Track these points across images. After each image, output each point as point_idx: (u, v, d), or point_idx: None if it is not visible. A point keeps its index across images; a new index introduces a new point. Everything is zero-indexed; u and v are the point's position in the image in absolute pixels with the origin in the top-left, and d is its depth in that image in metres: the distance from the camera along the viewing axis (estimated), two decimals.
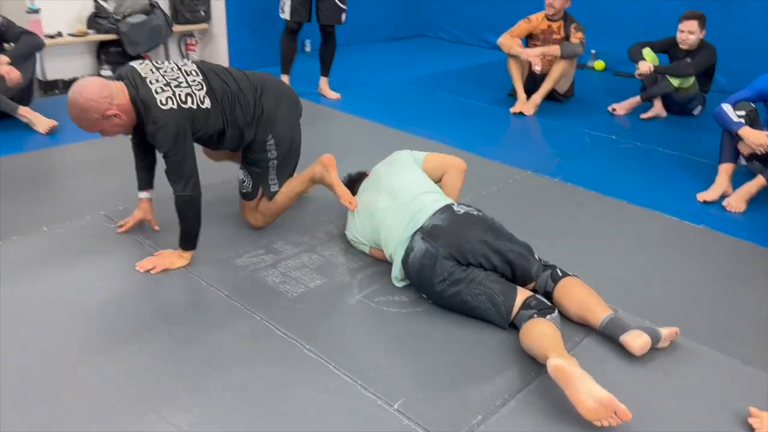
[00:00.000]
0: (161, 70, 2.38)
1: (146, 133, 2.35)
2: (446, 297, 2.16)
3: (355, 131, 4.18)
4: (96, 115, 2.20)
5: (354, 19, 6.76)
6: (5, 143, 3.60)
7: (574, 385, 1.71)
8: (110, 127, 2.28)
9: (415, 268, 2.20)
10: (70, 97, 2.20)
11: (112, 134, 2.36)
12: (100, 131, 2.30)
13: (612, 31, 5.99)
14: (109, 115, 2.22)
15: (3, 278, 2.31)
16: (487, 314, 2.13)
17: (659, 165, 3.75)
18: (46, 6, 4.55)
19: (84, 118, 2.22)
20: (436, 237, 2.16)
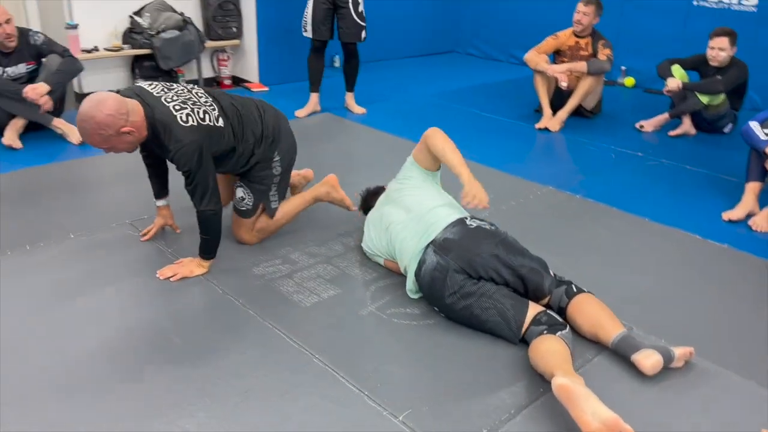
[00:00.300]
0: (174, 90, 2.43)
1: (165, 152, 2.36)
2: (456, 310, 2.16)
3: (378, 145, 4.21)
4: (111, 131, 2.19)
5: (385, 35, 6.88)
6: (40, 153, 3.74)
7: (579, 405, 1.69)
8: (121, 144, 2.27)
9: (426, 281, 2.21)
10: (85, 111, 2.16)
11: (118, 151, 2.34)
12: (108, 148, 2.27)
13: (643, 48, 5.94)
14: (123, 132, 2.22)
15: (26, 283, 2.40)
16: (497, 329, 2.12)
17: (685, 183, 3.69)
18: (84, 21, 4.72)
19: (98, 133, 2.19)
20: (448, 250, 2.17)
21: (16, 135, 3.83)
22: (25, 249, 2.64)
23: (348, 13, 4.49)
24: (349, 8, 4.48)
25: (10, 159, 3.64)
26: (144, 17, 4.95)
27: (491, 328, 2.13)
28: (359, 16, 4.53)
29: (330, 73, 6.20)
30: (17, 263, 2.53)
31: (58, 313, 2.23)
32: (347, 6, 4.47)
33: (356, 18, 4.51)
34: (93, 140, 2.22)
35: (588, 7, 4.62)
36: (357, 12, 4.51)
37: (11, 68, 3.83)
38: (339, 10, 4.49)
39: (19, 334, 2.10)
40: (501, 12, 7.07)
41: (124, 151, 2.35)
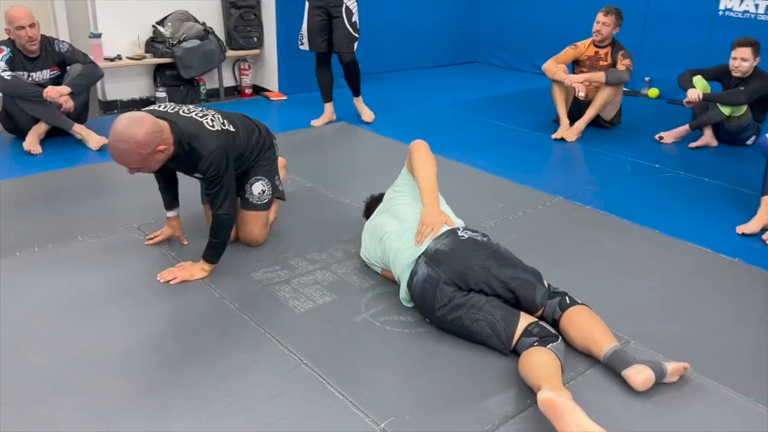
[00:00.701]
0: (181, 106, 2.54)
1: (196, 160, 2.39)
2: (447, 322, 2.14)
3: (389, 154, 4.20)
4: (149, 149, 2.22)
5: (406, 45, 6.91)
6: (59, 158, 3.84)
7: (564, 419, 1.66)
8: (153, 162, 2.29)
9: (417, 292, 2.20)
10: (124, 131, 2.17)
11: (148, 171, 2.37)
12: (140, 168, 2.28)
13: (667, 59, 5.85)
14: (158, 150, 2.26)
15: (30, 283, 2.46)
16: (488, 340, 2.10)
17: (701, 195, 3.61)
18: (108, 31, 4.85)
19: (137, 152, 2.20)
20: (439, 262, 2.16)
21: (37, 140, 3.94)
22: (33, 250, 2.70)
23: (341, 23, 4.40)
24: (342, 18, 4.39)
25: (29, 163, 3.75)
26: (166, 27, 5.06)
27: (482, 340, 2.11)
28: (352, 27, 4.44)
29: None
30: (23, 264, 2.60)
31: (58, 313, 2.28)
32: (341, 16, 4.38)
33: (350, 28, 4.43)
34: (131, 160, 2.22)
35: (608, 17, 4.57)
36: (350, 22, 4.42)
37: (36, 73, 3.95)
38: (333, 20, 4.42)
39: (19, 334, 2.15)
40: (523, 22, 7.04)
41: (151, 170, 2.39)
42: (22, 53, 3.86)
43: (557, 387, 1.80)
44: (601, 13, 4.59)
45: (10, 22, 3.74)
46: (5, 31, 3.79)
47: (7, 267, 2.56)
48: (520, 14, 7.06)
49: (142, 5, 5.03)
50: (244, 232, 2.80)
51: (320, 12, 4.39)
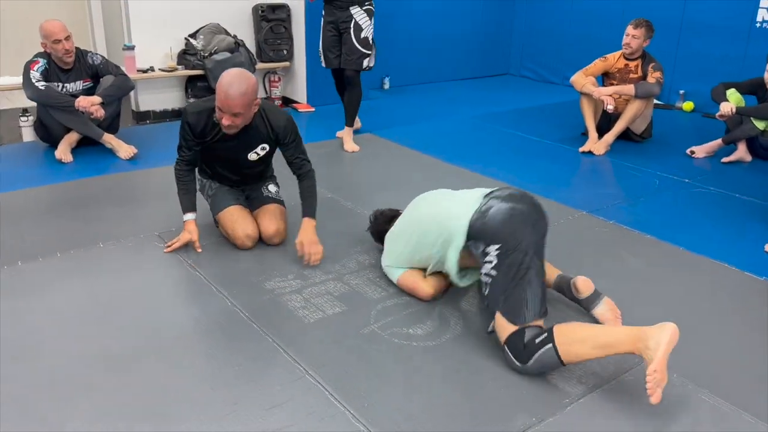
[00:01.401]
0: None
1: (275, 127, 2.76)
2: (507, 261, 2.05)
3: (412, 165, 4.20)
4: (253, 98, 2.57)
5: (436, 57, 6.92)
6: (89, 166, 3.94)
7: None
8: (248, 114, 2.61)
9: (501, 218, 2.11)
10: (239, 75, 2.52)
11: (240, 123, 2.60)
12: (242, 113, 2.54)
13: (703, 71, 5.72)
14: (255, 104, 2.61)
15: (49, 288, 2.52)
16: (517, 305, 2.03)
17: (732, 212, 3.50)
18: (142, 43, 4.98)
19: (250, 93, 2.53)
20: (518, 199, 2.19)
21: (69, 149, 4.06)
22: (56, 256, 2.77)
23: (348, 39, 4.24)
24: (349, 33, 4.23)
25: (59, 171, 3.86)
26: (198, 39, 5.17)
27: (514, 303, 2.03)
28: (361, 43, 4.26)
29: (377, 94, 6.29)
30: (45, 269, 2.66)
31: (74, 318, 2.33)
32: (348, 31, 4.24)
33: (357, 44, 4.25)
34: (243, 102, 2.51)
35: (638, 29, 4.49)
36: (359, 38, 4.24)
37: (70, 84, 4.07)
38: (342, 36, 4.29)
39: (36, 337, 2.20)
40: (555, 34, 6.99)
41: (239, 125, 2.61)
42: (57, 65, 3.98)
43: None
44: (631, 26, 4.51)
45: (46, 36, 3.87)
46: (41, 44, 3.91)
47: (29, 272, 2.63)
48: (552, 26, 7.01)
49: (175, 19, 5.15)
50: (268, 224, 2.89)
51: (331, 28, 4.31)
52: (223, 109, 2.53)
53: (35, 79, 3.87)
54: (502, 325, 2.06)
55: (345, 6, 4.23)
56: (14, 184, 3.60)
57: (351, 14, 4.23)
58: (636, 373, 2.07)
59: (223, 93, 2.49)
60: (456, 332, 2.29)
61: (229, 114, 2.53)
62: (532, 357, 1.99)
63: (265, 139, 2.80)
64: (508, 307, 2.04)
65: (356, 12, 4.24)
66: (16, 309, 2.36)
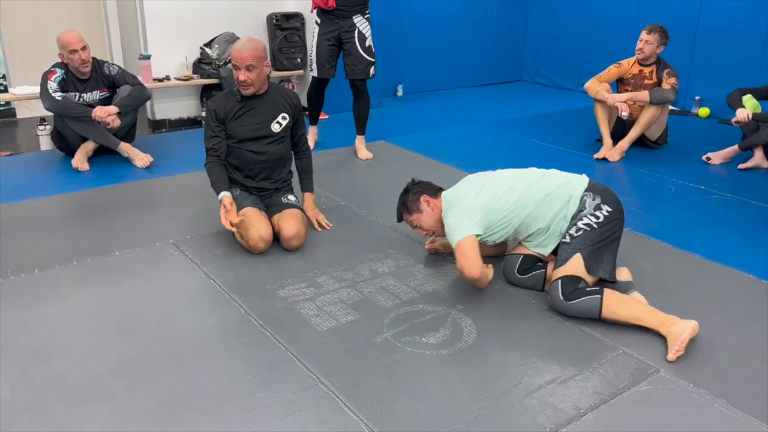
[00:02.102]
0: None
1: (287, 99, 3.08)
2: (605, 229, 2.48)
3: (428, 173, 4.17)
4: (265, 54, 2.92)
5: (449, 64, 6.93)
6: (105, 175, 3.98)
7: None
8: (262, 71, 2.90)
9: (614, 196, 2.60)
10: (252, 38, 2.93)
11: (254, 78, 2.87)
12: (255, 65, 2.84)
13: (719, 77, 5.68)
14: (267, 64, 2.93)
15: (64, 295, 2.55)
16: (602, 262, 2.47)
17: (748, 219, 3.46)
18: (157, 52, 5.03)
19: (260, 49, 2.87)
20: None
21: (85, 158, 4.10)
22: (72, 264, 2.80)
23: (354, 49, 4.19)
24: (354, 43, 4.19)
25: (76, 180, 3.90)
26: (213, 48, 5.22)
27: (594, 254, 2.44)
28: (366, 51, 4.23)
29: (391, 101, 6.30)
30: (61, 277, 2.69)
31: (87, 324, 2.35)
32: (352, 41, 4.18)
33: (363, 53, 4.22)
34: (253, 54, 2.84)
35: (651, 35, 4.47)
36: (364, 47, 4.21)
37: (87, 94, 4.12)
38: (344, 46, 4.22)
39: (50, 345, 2.23)
40: (568, 40, 6.97)
41: (254, 81, 2.89)
42: (74, 75, 4.03)
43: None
44: (645, 31, 4.49)
45: (63, 46, 3.92)
46: (59, 55, 3.97)
47: (45, 279, 2.66)
48: (566, 32, 6.99)
49: (190, 28, 5.21)
50: (288, 226, 2.94)
51: (330, 38, 4.21)
52: (238, 65, 2.86)
53: (52, 89, 3.92)
54: (574, 267, 2.41)
55: (348, 15, 4.17)
56: (31, 192, 3.65)
57: (354, 23, 4.19)
58: (652, 382, 2.05)
59: (236, 51, 2.85)
60: (469, 341, 2.28)
61: (243, 68, 2.85)
62: (578, 298, 2.35)
63: (285, 109, 3.06)
64: (591, 255, 2.42)
65: (359, 21, 4.20)
66: (33, 316, 2.39)
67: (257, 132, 3.02)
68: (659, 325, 2.26)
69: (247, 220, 2.89)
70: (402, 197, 2.74)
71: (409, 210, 2.70)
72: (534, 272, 2.61)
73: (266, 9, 5.53)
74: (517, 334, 2.34)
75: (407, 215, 2.72)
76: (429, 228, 2.70)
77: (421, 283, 2.69)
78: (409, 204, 2.70)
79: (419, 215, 2.68)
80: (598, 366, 2.14)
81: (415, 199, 2.68)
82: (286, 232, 2.93)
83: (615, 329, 2.34)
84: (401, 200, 2.74)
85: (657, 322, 2.27)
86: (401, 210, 2.75)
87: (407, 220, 2.75)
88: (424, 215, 2.67)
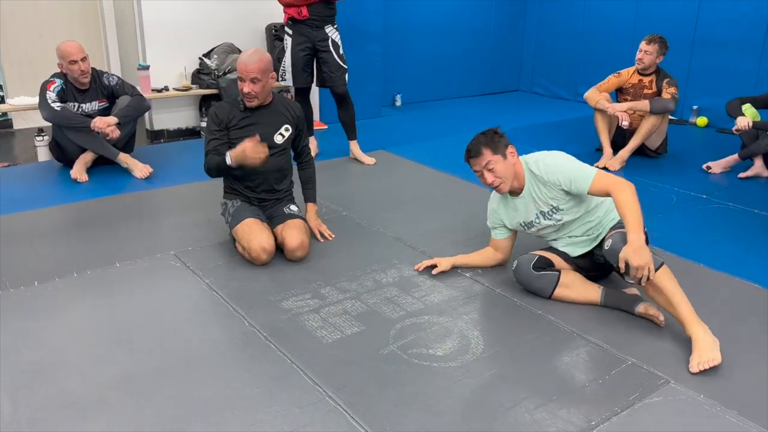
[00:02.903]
0: None
1: (290, 111, 3.05)
2: None
3: (428, 182, 4.19)
4: (270, 66, 2.89)
5: (447, 74, 6.94)
6: (105, 186, 3.95)
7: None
8: (267, 83, 2.89)
9: None
10: (258, 49, 2.92)
11: (259, 90, 2.86)
12: (260, 77, 2.83)
13: (717, 87, 5.71)
14: (272, 76, 2.91)
15: (66, 308, 2.52)
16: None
17: (751, 228, 3.46)
18: (156, 63, 5.01)
19: (265, 61, 2.85)
20: None
21: (84, 169, 4.07)
22: (72, 276, 2.77)
23: (330, 57, 4.27)
24: (330, 51, 4.26)
25: (75, 191, 3.87)
26: (212, 59, 5.21)
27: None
28: (341, 59, 4.31)
29: (389, 111, 6.30)
30: (61, 289, 2.66)
31: (90, 337, 2.32)
32: (328, 50, 4.26)
33: (339, 61, 4.30)
34: (259, 67, 2.82)
35: (651, 45, 4.48)
36: (338, 54, 4.30)
37: (86, 105, 4.09)
38: (320, 55, 4.28)
39: (52, 358, 2.19)
40: (565, 50, 7.00)
41: (259, 93, 2.87)
42: (73, 85, 4.01)
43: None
44: (645, 42, 4.51)
45: (63, 57, 3.90)
46: (58, 65, 3.95)
47: (45, 292, 2.63)
48: (563, 43, 7.02)
49: (189, 39, 5.19)
50: (292, 237, 2.91)
51: (305, 47, 4.27)
52: (243, 77, 2.85)
53: (51, 99, 3.90)
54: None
55: (321, 25, 4.23)
56: (30, 203, 3.61)
57: (327, 33, 4.26)
58: (662, 393, 2.03)
59: (242, 63, 2.84)
60: (477, 353, 2.26)
61: (248, 80, 2.84)
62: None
63: (288, 120, 3.05)
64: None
65: (330, 31, 4.27)
66: (34, 329, 2.35)
67: None
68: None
69: (249, 231, 2.86)
70: (487, 133, 2.57)
71: (494, 148, 2.53)
72: (548, 272, 2.58)
73: (265, 20, 5.53)
74: (524, 345, 2.31)
75: (488, 152, 2.52)
76: (500, 176, 2.53)
77: (426, 293, 2.67)
78: (497, 143, 2.53)
79: (500, 158, 2.52)
80: (607, 377, 2.12)
81: (503, 141, 2.55)
82: (290, 243, 2.90)
83: (624, 340, 2.33)
84: (487, 136, 2.56)
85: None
86: (484, 144, 2.53)
87: (480, 161, 2.54)
88: (504, 163, 2.53)
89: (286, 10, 4.27)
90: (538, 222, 2.64)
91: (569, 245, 2.65)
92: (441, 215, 3.56)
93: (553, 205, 2.57)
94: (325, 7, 4.23)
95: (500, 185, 2.57)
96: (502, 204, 2.75)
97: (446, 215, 3.57)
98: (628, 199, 2.31)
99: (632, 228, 2.26)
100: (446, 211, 3.64)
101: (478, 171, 2.58)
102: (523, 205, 2.64)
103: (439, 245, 3.15)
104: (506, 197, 2.70)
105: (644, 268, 2.22)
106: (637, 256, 2.22)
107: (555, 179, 2.51)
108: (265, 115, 2.99)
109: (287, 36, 4.33)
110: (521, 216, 2.68)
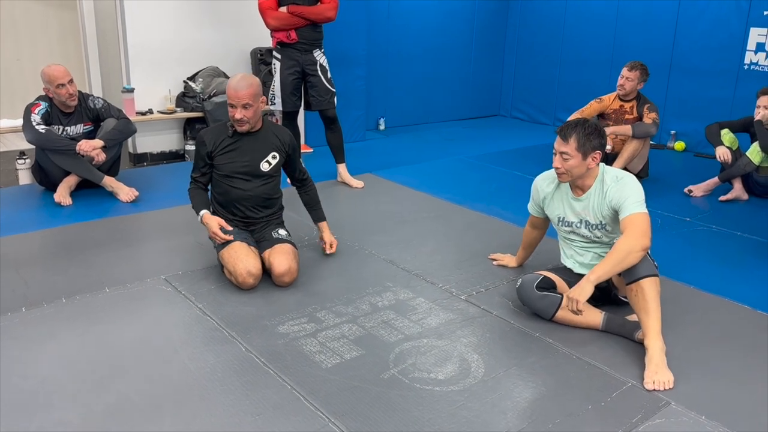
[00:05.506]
0: None
1: (278, 137, 3.05)
2: None
3: (415, 204, 4.20)
4: (260, 91, 2.89)
5: (427, 98, 7.02)
6: (89, 209, 3.89)
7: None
8: (257, 107, 2.89)
9: None
10: (247, 74, 2.93)
11: (249, 116, 2.86)
12: (251, 103, 2.83)
13: (693, 112, 5.86)
14: (262, 101, 2.91)
15: (56, 335, 2.45)
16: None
17: (734, 250, 3.53)
18: (141, 86, 4.98)
19: (255, 86, 2.85)
20: None
21: (68, 192, 4.00)
22: (61, 302, 2.71)
23: (319, 81, 4.30)
24: (318, 76, 4.30)
25: (59, 215, 3.80)
26: (197, 82, 5.20)
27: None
28: (329, 83, 4.34)
29: (373, 135, 6.34)
30: (50, 316, 2.59)
31: (82, 365, 2.26)
32: (317, 74, 4.29)
33: (327, 84, 4.33)
34: (249, 92, 2.81)
35: (632, 72, 4.59)
36: (327, 78, 4.32)
37: (71, 128, 4.04)
38: (309, 79, 4.31)
39: (45, 388, 2.13)
40: (545, 75, 7.14)
41: (250, 119, 2.88)
42: (58, 108, 3.96)
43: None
44: (626, 68, 4.61)
45: (50, 81, 3.85)
46: (44, 89, 3.90)
47: (34, 318, 2.56)
48: (542, 69, 7.15)
49: (174, 62, 5.18)
50: (279, 262, 2.87)
51: (294, 71, 4.28)
52: (234, 104, 2.83)
53: (35, 122, 3.84)
54: None
55: (309, 49, 4.27)
56: (13, 228, 3.54)
57: (315, 57, 4.29)
58: (664, 415, 2.05)
59: (232, 88, 2.82)
60: (478, 376, 2.25)
61: (239, 106, 2.83)
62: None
63: (275, 148, 3.03)
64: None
65: (318, 55, 4.31)
66: (23, 357, 2.29)
67: (245, 168, 2.97)
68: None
69: (235, 255, 2.83)
70: (588, 128, 2.52)
71: (581, 144, 2.49)
72: (551, 293, 2.59)
73: (250, 44, 5.54)
74: (524, 368, 2.31)
75: (574, 144, 2.49)
76: (567, 168, 2.53)
77: (423, 317, 2.66)
78: (591, 140, 2.50)
79: (579, 156, 2.50)
80: (609, 400, 2.13)
81: (595, 144, 2.51)
82: (278, 268, 2.87)
83: (622, 362, 2.34)
84: (586, 130, 2.51)
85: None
86: (575, 135, 2.50)
87: (563, 145, 2.51)
88: (580, 162, 2.51)
89: (274, 34, 4.29)
90: (578, 227, 2.66)
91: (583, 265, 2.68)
92: (432, 237, 3.57)
93: (602, 222, 2.59)
94: (313, 30, 4.26)
95: (562, 175, 2.59)
96: (555, 190, 2.76)
97: (437, 237, 3.58)
98: (622, 249, 2.37)
99: (595, 270, 2.39)
100: (437, 233, 3.65)
101: (555, 149, 2.57)
102: (576, 206, 2.65)
103: (432, 267, 3.15)
104: (565, 189, 2.70)
105: (573, 300, 2.37)
106: (576, 291, 2.38)
107: (613, 194, 2.52)
108: (252, 141, 2.98)
109: (275, 60, 4.35)
110: (566, 212, 2.69)
